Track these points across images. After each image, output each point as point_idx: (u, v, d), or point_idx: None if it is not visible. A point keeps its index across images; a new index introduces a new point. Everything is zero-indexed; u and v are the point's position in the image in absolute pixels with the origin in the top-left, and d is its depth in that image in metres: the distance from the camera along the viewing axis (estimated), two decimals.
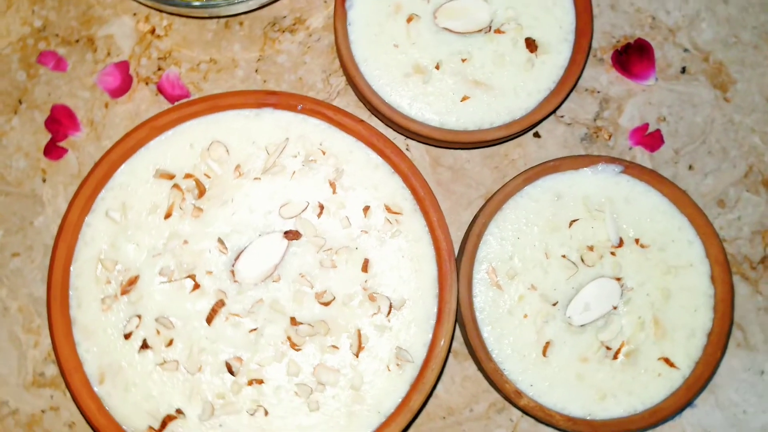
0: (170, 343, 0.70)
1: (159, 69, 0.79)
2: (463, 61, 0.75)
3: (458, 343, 0.77)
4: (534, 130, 0.80)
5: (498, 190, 0.74)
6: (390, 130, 0.78)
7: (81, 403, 0.69)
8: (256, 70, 0.79)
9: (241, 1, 0.73)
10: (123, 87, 0.78)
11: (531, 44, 0.75)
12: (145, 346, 0.70)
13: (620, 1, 0.82)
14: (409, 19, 0.75)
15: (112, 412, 0.69)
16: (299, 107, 0.71)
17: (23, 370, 0.76)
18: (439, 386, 0.77)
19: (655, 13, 0.82)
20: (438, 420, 0.77)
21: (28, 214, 0.78)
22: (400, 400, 0.70)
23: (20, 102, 0.79)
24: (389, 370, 0.70)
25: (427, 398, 0.71)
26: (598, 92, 0.81)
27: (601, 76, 0.81)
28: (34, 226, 0.78)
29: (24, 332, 0.76)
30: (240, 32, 0.80)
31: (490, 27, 0.75)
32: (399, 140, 0.79)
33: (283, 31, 0.80)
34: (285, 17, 0.80)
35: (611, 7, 0.82)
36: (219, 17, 0.79)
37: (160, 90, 0.78)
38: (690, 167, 0.81)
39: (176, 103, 0.76)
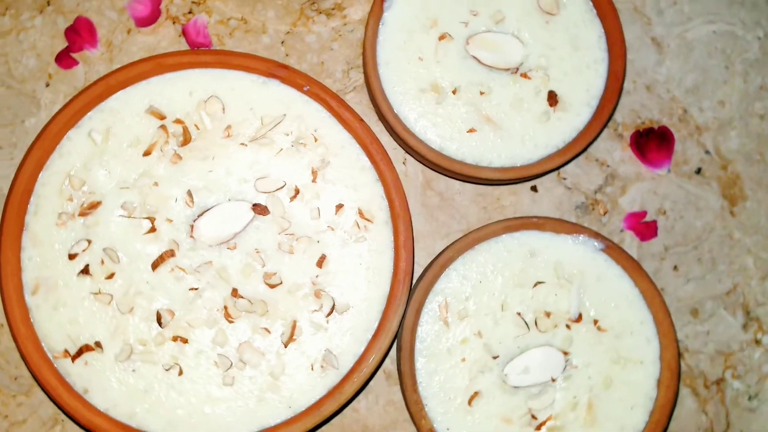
0: (111, 276, 0.69)
1: (190, 12, 0.79)
2: (482, 93, 0.74)
3: (395, 366, 0.76)
4: (532, 184, 0.79)
5: (476, 229, 0.72)
6: (392, 140, 0.78)
7: (8, 308, 0.68)
8: (283, 42, 0.79)
9: None
10: (150, 18, 0.78)
11: (553, 98, 0.74)
12: (85, 271, 0.69)
13: (657, 85, 0.81)
14: (442, 37, 0.74)
15: (35, 325, 0.69)
16: (306, 88, 0.71)
17: None
18: (363, 402, 0.76)
19: (688, 107, 0.81)
20: None
21: (21, 113, 0.78)
22: (313, 401, 0.69)
23: (48, 4, 0.79)
24: (312, 370, 0.69)
25: (341, 408, 0.70)
26: (608, 166, 0.79)
27: (615, 151, 0.80)
28: (24, 126, 0.78)
29: None
30: (278, 0, 0.79)
31: (518, 69, 0.74)
32: (398, 152, 0.78)
33: (320, 13, 0.79)
34: None
35: (647, 87, 0.81)
36: None
37: (184, 33, 0.78)
38: (675, 268, 0.79)
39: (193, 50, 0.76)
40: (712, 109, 0.81)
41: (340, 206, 0.71)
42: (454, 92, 0.74)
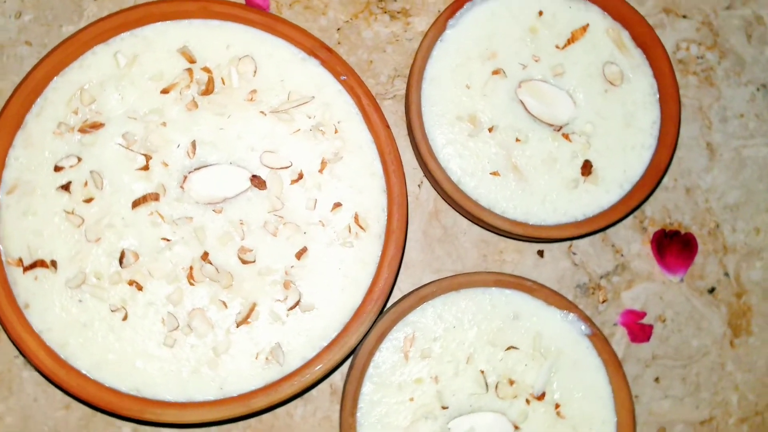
0: (89, 200, 0.67)
1: None
2: (517, 140, 0.70)
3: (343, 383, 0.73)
4: (540, 248, 0.75)
5: (468, 273, 0.69)
6: (415, 159, 0.75)
7: None
8: (339, 29, 0.77)
9: None
10: None
11: (587, 167, 0.71)
12: (66, 187, 0.67)
13: (698, 191, 0.77)
14: (496, 72, 0.71)
15: None
16: (343, 77, 0.68)
17: None
18: (300, 409, 0.73)
19: (722, 223, 0.77)
20: None
21: (62, 17, 0.76)
22: (246, 391, 0.65)
23: None
24: (256, 359, 0.66)
25: (274, 407, 0.67)
26: (622, 255, 0.76)
27: (634, 242, 0.76)
28: (60, 30, 0.76)
29: None
30: None
31: (562, 128, 0.71)
32: (417, 174, 0.75)
33: (385, 12, 0.77)
34: (396, 1, 0.77)
35: (687, 190, 0.77)
36: None
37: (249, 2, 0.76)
38: (656, 379, 0.75)
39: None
40: (745, 232, 0.77)
41: (338, 205, 0.68)
42: (490, 130, 0.71)
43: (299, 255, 0.67)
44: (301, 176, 0.68)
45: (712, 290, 0.76)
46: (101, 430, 0.73)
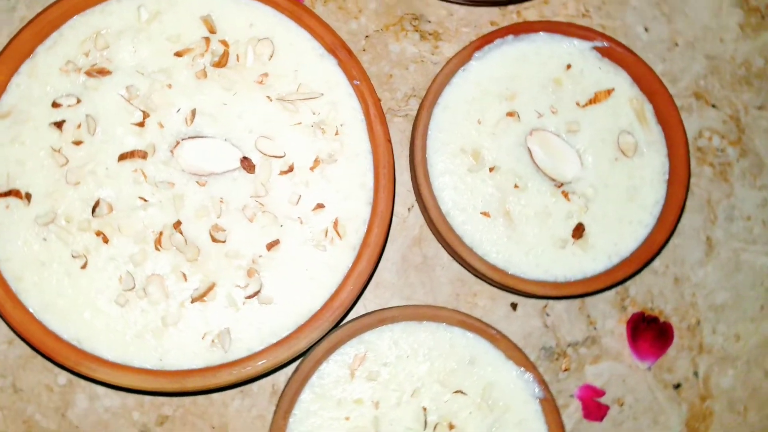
0: (78, 143, 0.66)
1: None
2: (516, 186, 0.69)
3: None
4: (514, 301, 0.74)
5: (435, 307, 0.67)
6: (410, 181, 0.73)
7: None
8: (367, 37, 0.76)
9: None
10: None
11: (579, 231, 0.69)
12: (59, 125, 0.66)
13: (687, 283, 0.75)
14: (510, 114, 0.70)
15: None
16: (356, 82, 0.67)
17: None
18: (236, 401, 0.71)
19: (703, 321, 0.75)
20: (208, 428, 0.71)
21: None
22: (183, 368, 0.64)
23: None
24: (202, 339, 0.65)
25: (209, 391, 0.65)
26: (595, 328, 0.74)
27: (610, 318, 0.74)
28: None
29: None
30: (386, 2, 0.76)
31: (563, 185, 0.70)
32: (409, 197, 0.74)
33: (417, 31, 0.76)
34: (430, 22, 0.76)
35: (675, 279, 0.75)
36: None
37: None
38: None
39: None
40: (725, 336, 0.75)
41: (321, 206, 0.66)
42: (491, 170, 0.69)
43: (270, 246, 0.66)
44: (291, 169, 0.67)
45: (677, 386, 0.74)
46: (37, 373, 0.71)
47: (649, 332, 0.74)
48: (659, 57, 0.77)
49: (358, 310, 0.72)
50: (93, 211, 0.65)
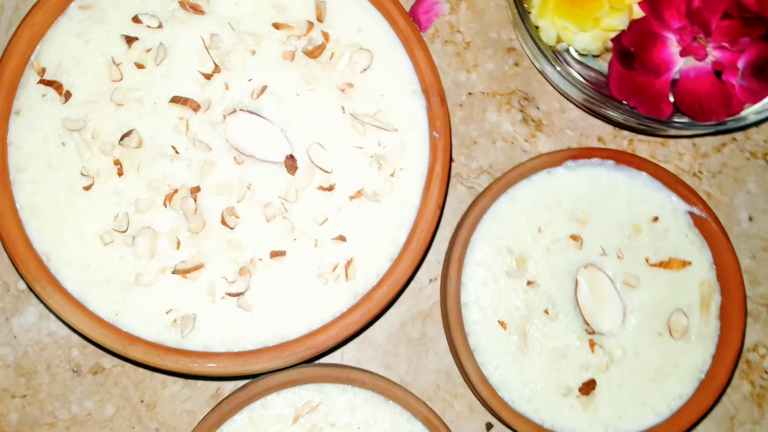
0: (140, 66, 0.62)
1: None
2: (546, 312, 0.63)
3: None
4: (490, 422, 0.67)
5: (408, 392, 0.62)
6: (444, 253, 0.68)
7: None
8: (469, 93, 0.70)
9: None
10: None
11: (588, 387, 0.63)
12: (130, 40, 0.62)
13: None
14: (574, 237, 0.64)
15: (54, 26, 0.62)
16: (435, 134, 0.62)
17: None
18: (175, 387, 0.68)
19: None
20: (137, 398, 0.67)
21: None
22: (133, 334, 0.60)
23: None
24: (166, 314, 0.60)
25: (151, 368, 0.61)
26: None
27: None
28: None
29: None
30: (505, 65, 0.71)
31: (594, 333, 0.63)
32: (437, 268, 0.69)
33: (522, 111, 0.70)
34: (538, 109, 0.71)
35: None
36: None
37: (418, 2, 0.71)
38: None
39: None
40: None
41: (342, 238, 0.61)
42: (528, 283, 0.64)
43: (274, 254, 0.61)
44: (331, 188, 0.61)
45: None
46: (2, 269, 0.68)
47: None
48: (750, 252, 0.70)
49: (333, 357, 0.67)
50: (122, 138, 0.61)
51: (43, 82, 0.62)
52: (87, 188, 0.61)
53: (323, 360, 0.67)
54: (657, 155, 0.71)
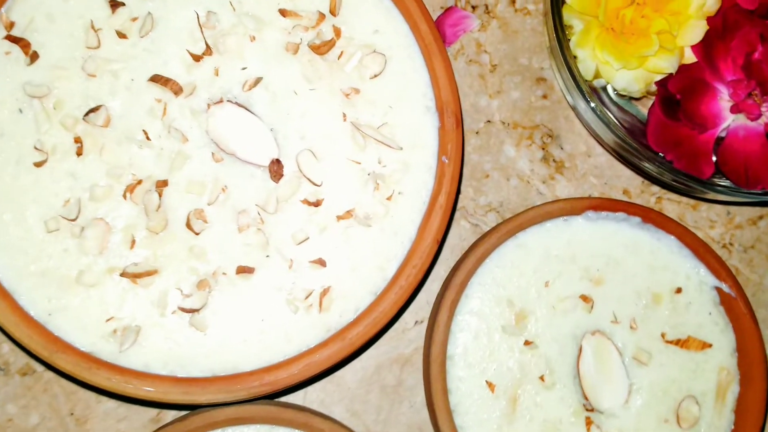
0: (122, 36, 0.55)
1: (475, 8, 0.65)
2: (541, 379, 0.56)
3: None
4: None
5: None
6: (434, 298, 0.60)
7: None
8: (488, 121, 0.63)
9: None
10: None
11: None
12: (115, 5, 0.55)
13: None
14: (585, 299, 0.57)
15: None
16: (444, 159, 0.54)
17: None
18: (110, 405, 0.61)
19: None
20: (66, 411, 0.59)
21: None
22: (63, 339, 0.52)
23: None
24: (106, 322, 0.53)
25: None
26: None
27: None
28: None
29: None
30: (531, 97, 0.64)
31: (593, 410, 0.56)
32: (426, 309, 0.62)
33: (543, 149, 0.63)
34: (562, 149, 0.63)
35: None
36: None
37: (447, 13, 0.64)
38: None
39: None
40: None
41: (322, 262, 0.54)
42: (526, 343, 0.56)
43: (241, 270, 0.53)
44: (317, 203, 0.54)
45: None
46: None
47: None
48: None
49: (295, 397, 0.59)
50: (88, 113, 0.53)
51: (9, 38, 0.54)
52: (38, 164, 0.53)
53: (283, 398, 0.59)
54: (686, 219, 0.64)
